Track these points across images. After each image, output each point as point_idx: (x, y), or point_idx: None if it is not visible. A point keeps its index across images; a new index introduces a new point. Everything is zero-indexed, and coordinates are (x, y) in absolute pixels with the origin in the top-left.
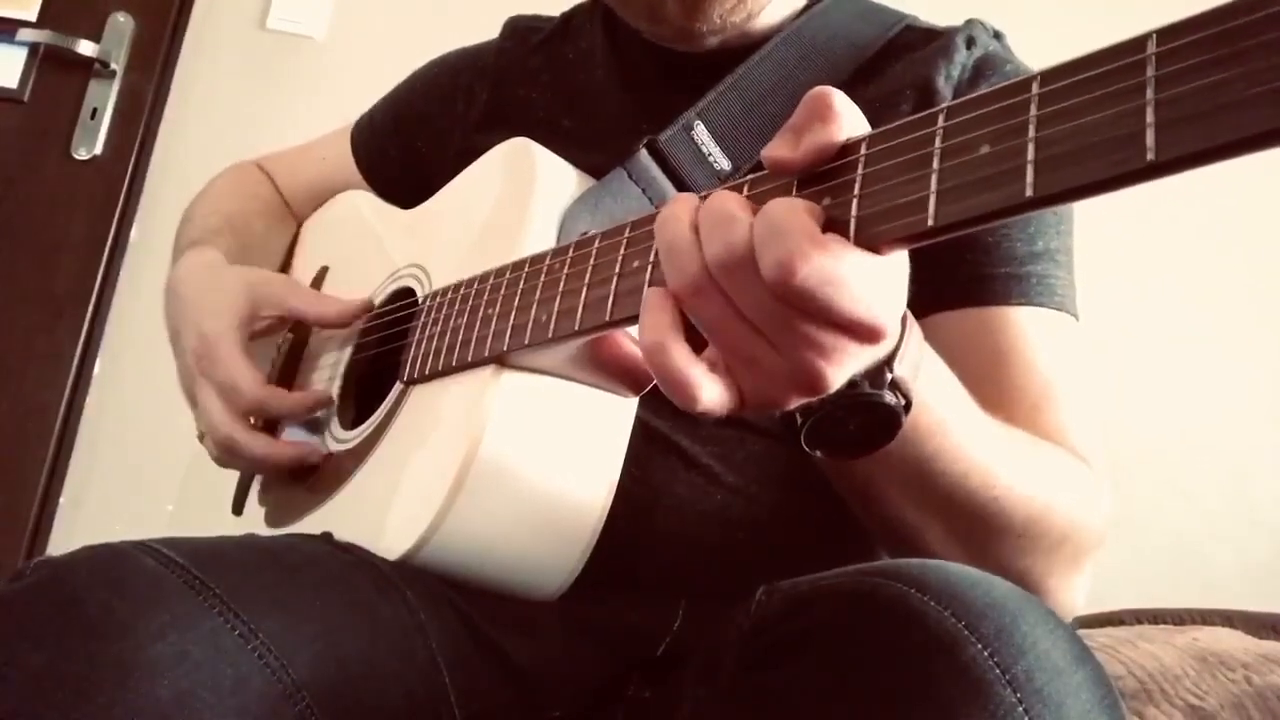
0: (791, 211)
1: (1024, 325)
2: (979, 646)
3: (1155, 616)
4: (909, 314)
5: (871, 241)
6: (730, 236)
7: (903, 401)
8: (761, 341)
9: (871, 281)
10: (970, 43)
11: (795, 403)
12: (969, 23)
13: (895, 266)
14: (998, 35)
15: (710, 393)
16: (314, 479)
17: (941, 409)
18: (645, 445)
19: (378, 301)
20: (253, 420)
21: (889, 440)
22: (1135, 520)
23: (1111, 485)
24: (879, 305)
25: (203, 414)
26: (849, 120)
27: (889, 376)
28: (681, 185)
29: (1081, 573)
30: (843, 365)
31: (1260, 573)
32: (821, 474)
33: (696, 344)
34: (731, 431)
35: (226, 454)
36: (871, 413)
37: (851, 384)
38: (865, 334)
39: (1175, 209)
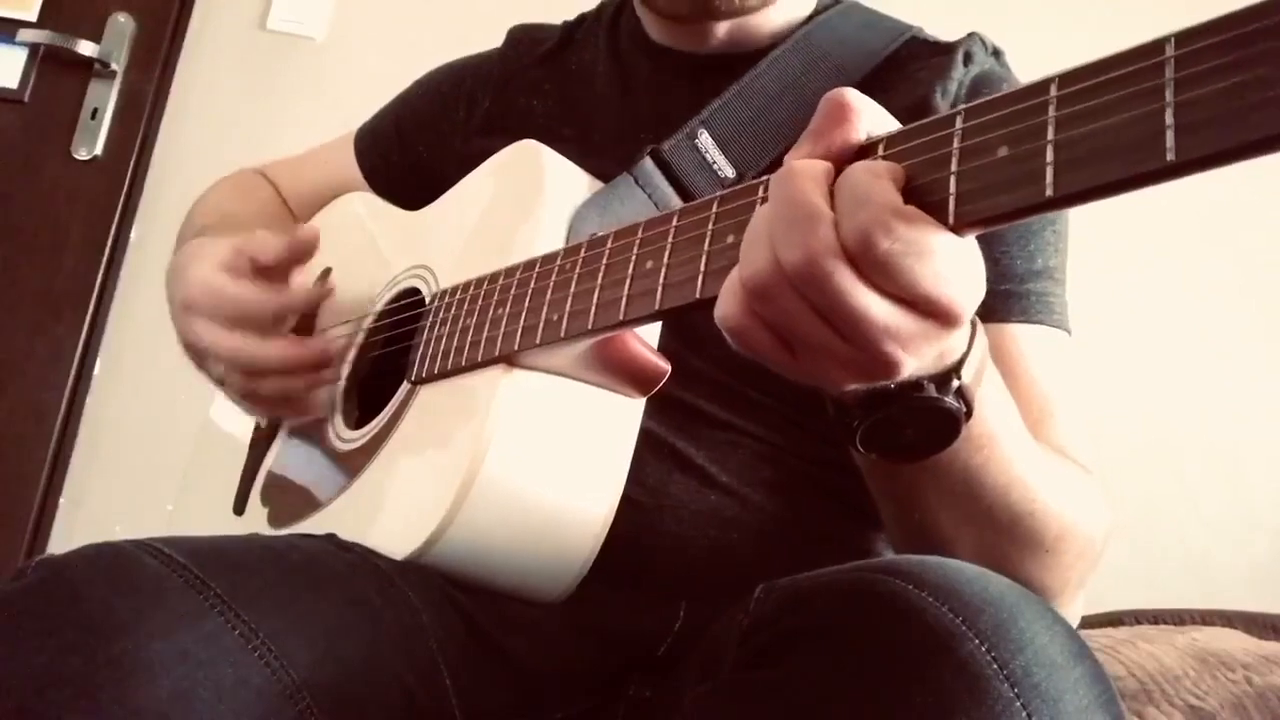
0: (874, 177)
1: (1025, 342)
2: (977, 642)
3: (1155, 616)
4: (978, 321)
5: None
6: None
7: (964, 408)
8: (828, 329)
9: (954, 260)
10: (968, 59)
11: (856, 386)
12: (969, 37)
13: (973, 251)
14: (996, 53)
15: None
16: (317, 479)
17: (995, 420)
18: (641, 447)
19: (382, 302)
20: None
21: (946, 446)
22: (1135, 521)
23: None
24: (959, 285)
25: (212, 349)
26: (868, 118)
27: (956, 383)
28: (685, 193)
29: (1084, 587)
30: (917, 352)
31: (1260, 573)
32: (819, 475)
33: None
34: (725, 434)
35: (249, 374)
36: (933, 417)
37: (917, 386)
38: (943, 315)
39: (1177, 209)
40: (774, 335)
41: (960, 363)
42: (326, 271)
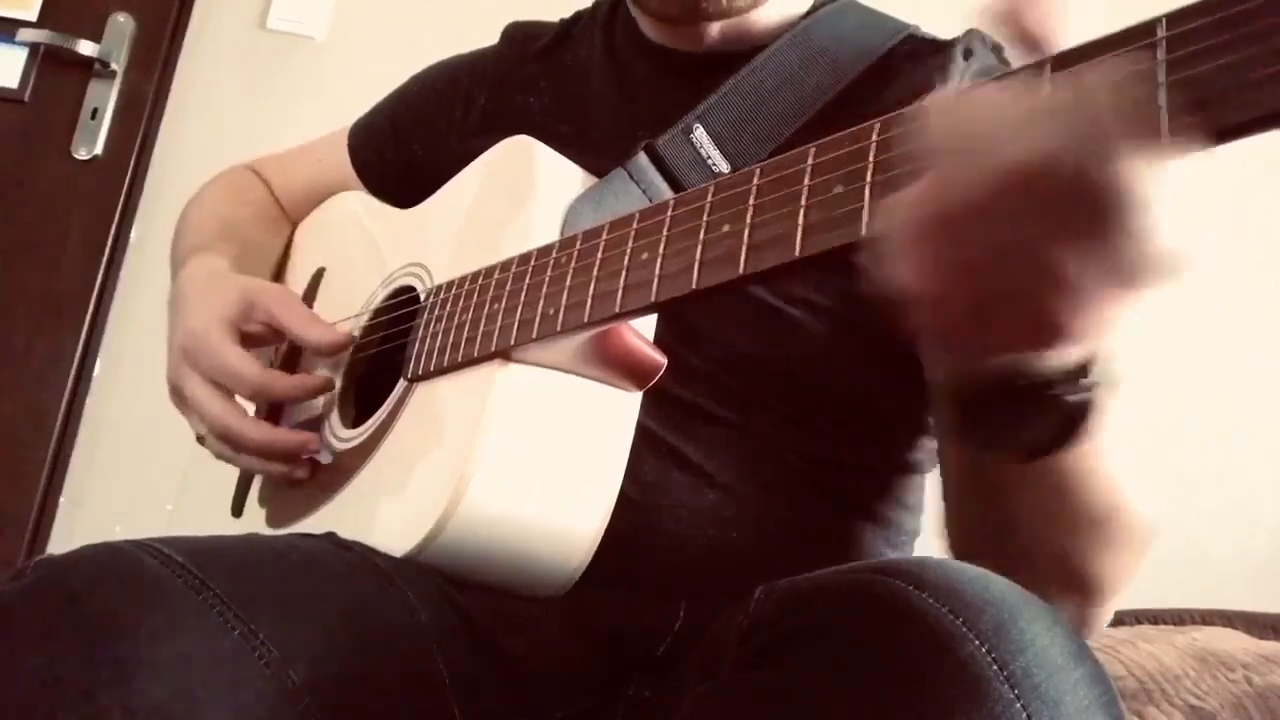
0: (1114, 87)
1: None
2: (977, 643)
3: (1155, 616)
4: None
5: None
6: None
7: (1094, 405)
8: (1035, 273)
9: (1184, 206)
10: (968, 54)
11: (1038, 359)
12: (969, 34)
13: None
14: (997, 49)
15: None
16: (315, 479)
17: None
18: (639, 445)
19: (378, 300)
20: (254, 410)
21: (1065, 445)
22: None
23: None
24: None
25: (195, 408)
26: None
27: (1089, 379)
28: (679, 188)
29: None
30: (1118, 317)
31: (1260, 573)
32: (819, 474)
33: None
34: (725, 432)
35: (227, 445)
36: (1065, 414)
37: (1048, 382)
38: (1163, 271)
39: None
40: (963, 284)
41: (1094, 358)
42: (321, 271)
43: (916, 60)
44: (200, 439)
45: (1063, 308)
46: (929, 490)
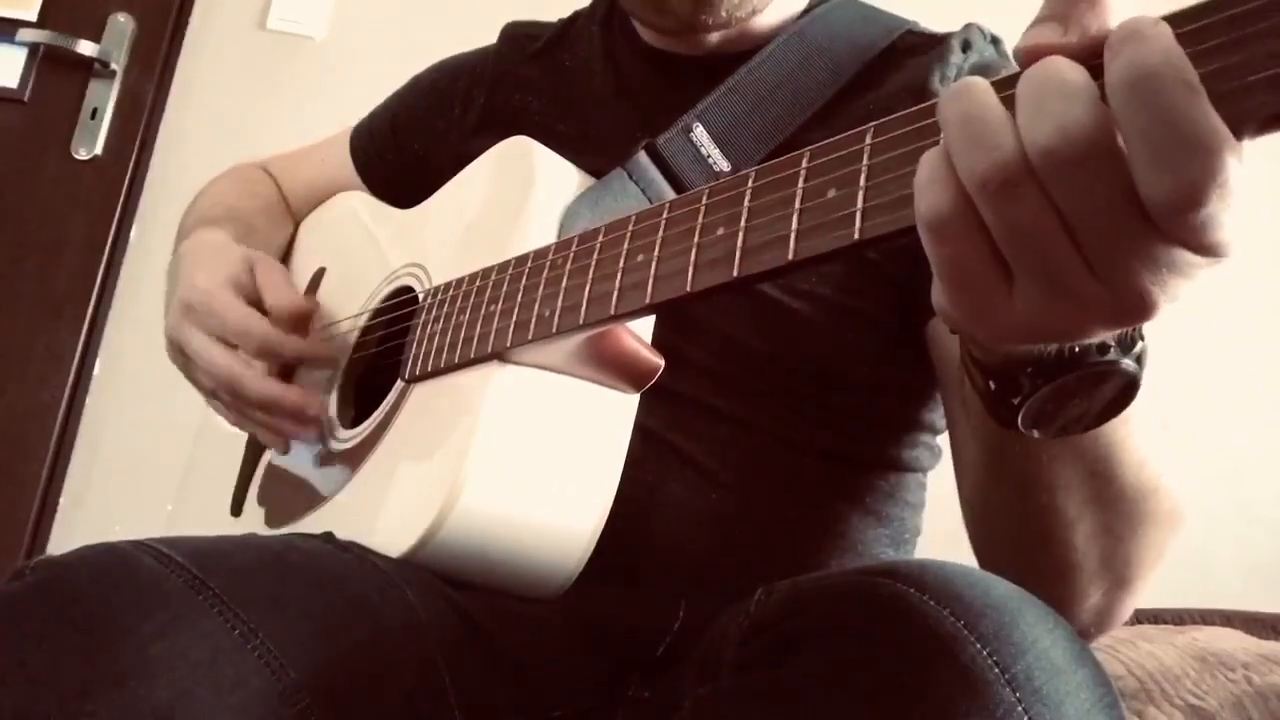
0: (1176, 67)
1: None
2: (978, 646)
3: (1155, 616)
4: None
5: None
6: (1070, 113)
7: (1141, 373)
8: (1077, 259)
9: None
10: (966, 46)
11: (1101, 336)
12: (967, 27)
13: None
14: (995, 41)
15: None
16: (314, 478)
17: None
18: (640, 444)
19: (376, 301)
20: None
21: (1115, 416)
22: None
23: None
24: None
25: (200, 361)
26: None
27: (1140, 344)
28: (680, 187)
29: None
30: (1176, 290)
31: (1260, 573)
32: (822, 470)
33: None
34: (725, 428)
35: (233, 397)
36: (1113, 384)
37: (1103, 348)
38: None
39: None
40: (994, 256)
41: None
42: (321, 270)
43: (914, 54)
44: (209, 394)
45: (1121, 285)
46: (930, 489)
